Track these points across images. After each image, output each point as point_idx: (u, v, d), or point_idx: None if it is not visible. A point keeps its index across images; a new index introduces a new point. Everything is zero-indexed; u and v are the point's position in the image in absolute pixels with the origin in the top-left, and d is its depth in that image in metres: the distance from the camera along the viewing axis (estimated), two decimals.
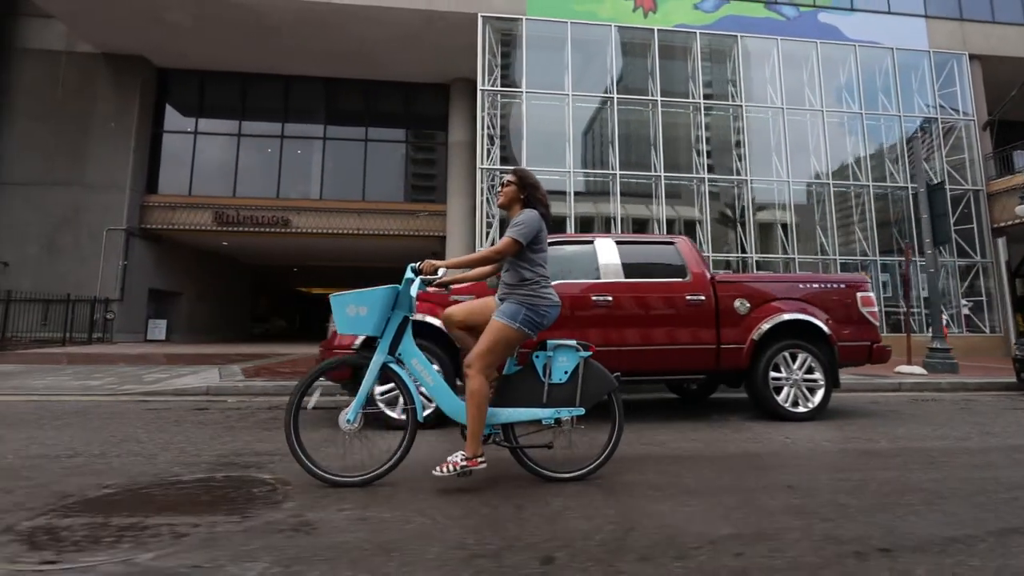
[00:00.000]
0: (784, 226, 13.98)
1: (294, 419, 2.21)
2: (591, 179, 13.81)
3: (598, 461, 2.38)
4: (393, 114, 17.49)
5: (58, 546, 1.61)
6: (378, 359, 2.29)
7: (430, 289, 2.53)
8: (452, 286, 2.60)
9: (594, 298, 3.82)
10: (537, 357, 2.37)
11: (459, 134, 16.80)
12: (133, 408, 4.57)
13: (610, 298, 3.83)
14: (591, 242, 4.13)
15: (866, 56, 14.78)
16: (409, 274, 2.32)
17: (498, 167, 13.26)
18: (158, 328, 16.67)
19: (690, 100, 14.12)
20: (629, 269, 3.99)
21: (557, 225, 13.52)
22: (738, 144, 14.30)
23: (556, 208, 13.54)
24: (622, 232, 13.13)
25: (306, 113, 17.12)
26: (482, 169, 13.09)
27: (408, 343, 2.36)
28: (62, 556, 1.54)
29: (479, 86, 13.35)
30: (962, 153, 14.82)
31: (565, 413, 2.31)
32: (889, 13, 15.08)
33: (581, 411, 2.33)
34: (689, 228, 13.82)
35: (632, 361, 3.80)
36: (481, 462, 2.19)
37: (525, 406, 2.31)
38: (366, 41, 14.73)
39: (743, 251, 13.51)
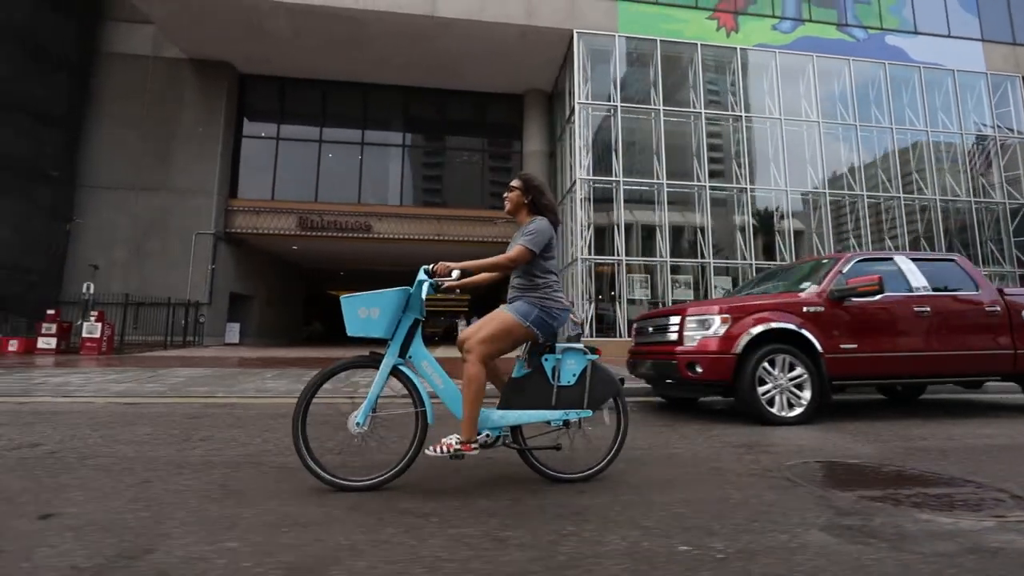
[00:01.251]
0: (857, 236, 14.74)
1: (302, 423, 2.19)
2: (676, 189, 14.35)
3: (604, 462, 2.40)
4: (468, 123, 17.88)
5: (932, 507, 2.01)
6: (388, 361, 2.26)
7: (441, 292, 2.48)
8: (458, 289, 2.59)
9: (915, 309, 4.32)
10: (546, 360, 2.37)
11: (535, 144, 17.26)
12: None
13: (928, 309, 4.34)
14: (891, 258, 4.64)
15: (929, 77, 15.67)
16: (422, 275, 2.28)
17: (592, 177, 13.73)
18: (232, 331, 16.74)
19: (767, 116, 14.82)
20: (932, 282, 4.52)
21: (648, 233, 14.06)
22: (813, 157, 15.02)
23: (646, 217, 14.10)
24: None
25: (384, 121, 17.42)
26: (581, 179, 13.53)
27: (419, 345, 2.32)
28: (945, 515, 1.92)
29: (577, 99, 13.83)
30: (1017, 169, 15.78)
31: (573, 415, 2.33)
32: (949, 37, 16.01)
33: (589, 413, 2.35)
34: (796, 237, 14.46)
35: (942, 365, 4.29)
36: (474, 448, 2.20)
37: (535, 408, 2.32)
38: (455, 53, 15.12)
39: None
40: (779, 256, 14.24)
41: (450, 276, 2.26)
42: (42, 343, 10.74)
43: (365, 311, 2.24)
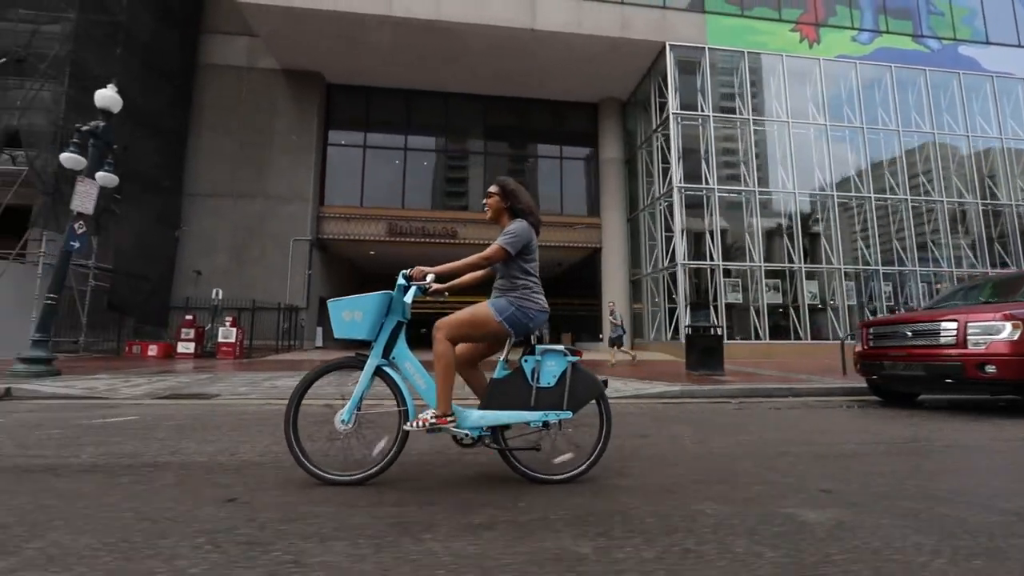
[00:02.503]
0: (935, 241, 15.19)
1: (293, 421, 2.27)
2: (765, 197, 14.76)
3: (586, 464, 2.40)
4: (545, 131, 18.29)
5: None
6: (372, 362, 2.33)
7: (429, 295, 2.52)
8: (446, 292, 2.62)
9: None
10: (526, 361, 2.39)
11: (611, 151, 17.70)
12: (671, 409, 5.20)
13: None
14: None
15: (1001, 85, 16.14)
16: (401, 280, 2.35)
17: (685, 185, 14.14)
18: (318, 335, 17.11)
19: (848, 125, 15.28)
20: None
21: (736, 239, 14.46)
22: (892, 163, 15.47)
23: (735, 224, 14.51)
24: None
25: (463, 129, 17.84)
26: (677, 187, 13.93)
27: (402, 347, 2.39)
28: None
29: (671, 109, 14.25)
30: None
31: (553, 416, 2.34)
32: (1020, 47, 16.49)
33: (568, 414, 2.36)
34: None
35: None
36: (451, 421, 2.25)
37: (514, 409, 2.34)
38: (546, 63, 15.53)
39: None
40: (861, 261, 14.68)
41: (424, 280, 2.33)
42: (181, 348, 11.10)
43: (349, 314, 2.32)
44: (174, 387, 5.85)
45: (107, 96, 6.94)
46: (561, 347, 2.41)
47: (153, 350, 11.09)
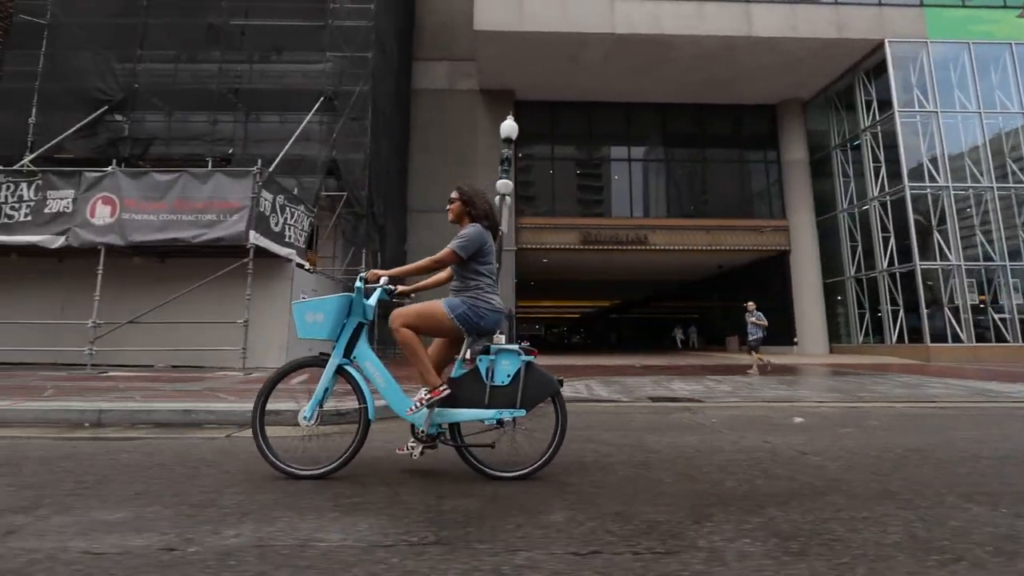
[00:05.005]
0: None
1: (260, 418, 2.39)
2: (1005, 193, 14.12)
3: (541, 461, 2.43)
4: (723, 135, 18.35)
5: None
6: (334, 361, 2.43)
7: (394, 299, 2.62)
8: (412, 295, 2.69)
9: None
10: (481, 360, 2.44)
11: (796, 153, 17.50)
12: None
13: None
14: None
15: None
16: (359, 283, 2.43)
17: (917, 184, 13.78)
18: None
19: None
20: None
21: (967, 235, 13.94)
22: None
23: (965, 222, 13.97)
24: None
25: (643, 137, 18.21)
26: (907, 187, 13.62)
27: (363, 347, 2.47)
28: None
29: (895, 107, 13.96)
30: None
31: (507, 414, 2.38)
32: None
33: (522, 412, 2.39)
34: None
35: None
36: (443, 390, 2.36)
37: (469, 407, 2.39)
38: (744, 68, 15.61)
39: None
40: None
41: (379, 282, 2.46)
42: None
43: (312, 316, 2.42)
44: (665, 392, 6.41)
45: (509, 126, 7.75)
46: (515, 347, 2.45)
47: None
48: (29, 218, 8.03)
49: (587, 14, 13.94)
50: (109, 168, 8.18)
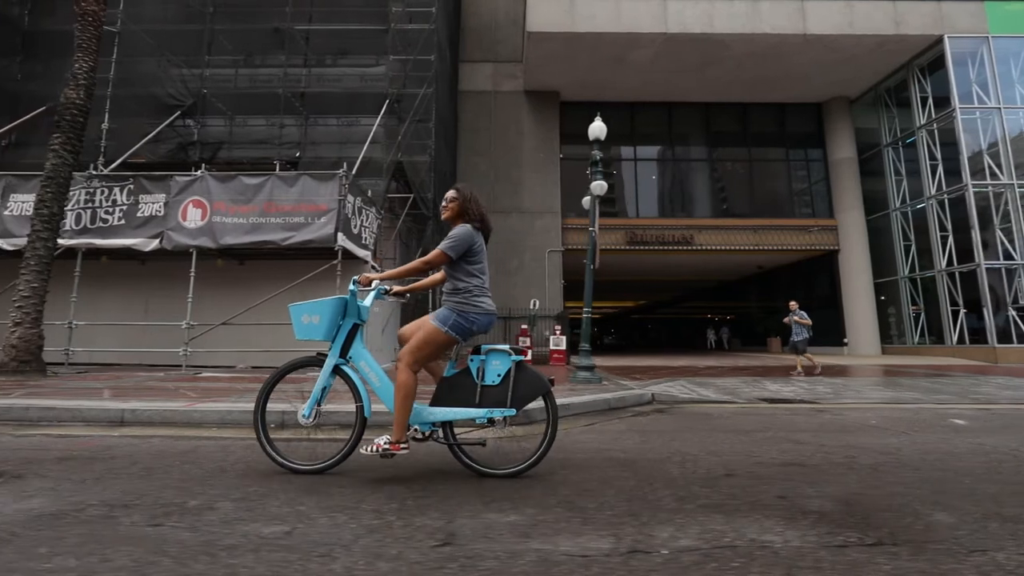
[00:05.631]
0: None
1: (261, 415, 2.48)
2: None
3: (532, 459, 2.46)
4: (767, 134, 18.17)
5: None
6: (330, 361, 2.50)
7: (388, 298, 2.65)
8: (407, 295, 2.73)
9: None
10: (472, 360, 2.50)
11: (843, 151, 17.27)
12: None
13: None
14: None
15: None
16: (352, 286, 2.50)
17: (976, 182, 13.52)
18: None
19: None
20: None
21: None
22: None
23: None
24: None
25: (686, 136, 18.11)
26: (970, 185, 13.37)
27: (359, 347, 2.53)
28: None
29: (956, 104, 13.73)
30: None
31: (497, 413, 2.42)
32: None
33: (512, 411, 2.43)
34: None
35: None
36: (403, 448, 2.36)
37: (461, 406, 2.44)
38: (794, 67, 15.44)
39: None
40: None
41: (370, 285, 2.49)
42: None
43: (308, 318, 2.48)
44: (777, 393, 6.36)
45: (597, 127, 7.76)
46: (506, 347, 2.49)
47: None
48: (123, 221, 8.20)
49: (639, 14, 13.89)
50: (198, 172, 8.33)
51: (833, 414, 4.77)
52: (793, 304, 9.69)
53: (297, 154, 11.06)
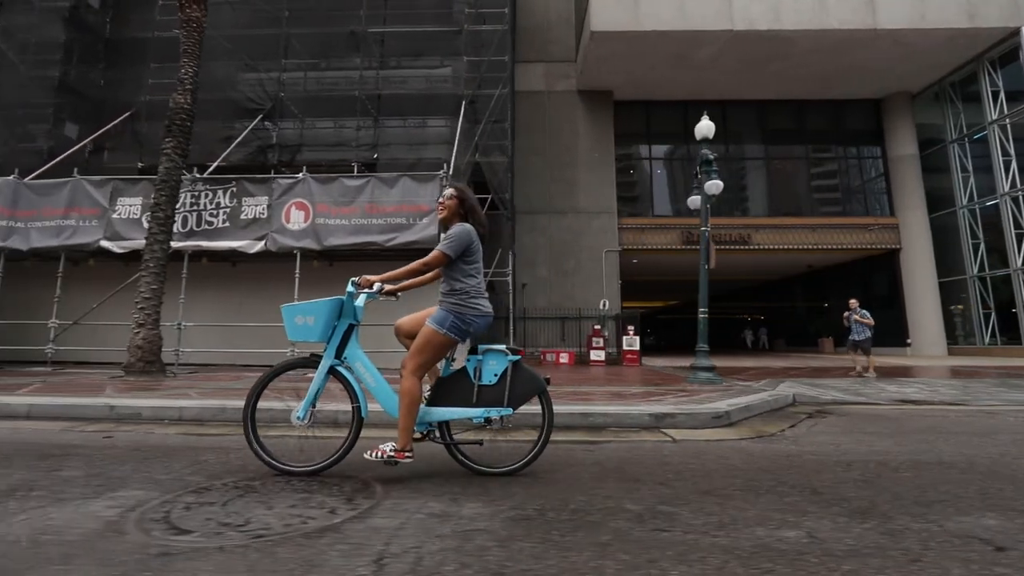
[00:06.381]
0: None
1: (251, 416, 2.42)
2: None
3: (528, 458, 2.46)
4: (823, 131, 17.89)
5: None
6: (326, 362, 2.47)
7: (380, 298, 2.54)
8: (398, 294, 2.68)
9: None
10: (468, 360, 2.49)
11: (904, 148, 16.91)
12: None
13: None
14: None
15: None
16: (350, 287, 2.45)
17: None
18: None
19: None
20: None
21: None
22: None
23: None
24: None
25: (740, 134, 17.89)
26: None
27: (354, 348, 2.50)
28: None
29: None
30: None
31: (494, 412, 2.42)
32: None
33: (509, 411, 2.43)
34: None
35: None
36: (408, 456, 2.33)
37: (458, 406, 2.43)
38: (858, 62, 15.14)
39: None
40: None
41: (371, 288, 2.44)
42: (594, 355, 11.98)
43: (302, 319, 2.44)
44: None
45: (705, 126, 7.69)
46: (502, 346, 2.50)
47: (564, 358, 12.05)
48: (227, 224, 8.34)
49: (705, 11, 13.75)
50: (300, 175, 8.44)
51: (995, 417, 4.64)
52: (853, 302, 9.38)
53: (375, 155, 11.15)
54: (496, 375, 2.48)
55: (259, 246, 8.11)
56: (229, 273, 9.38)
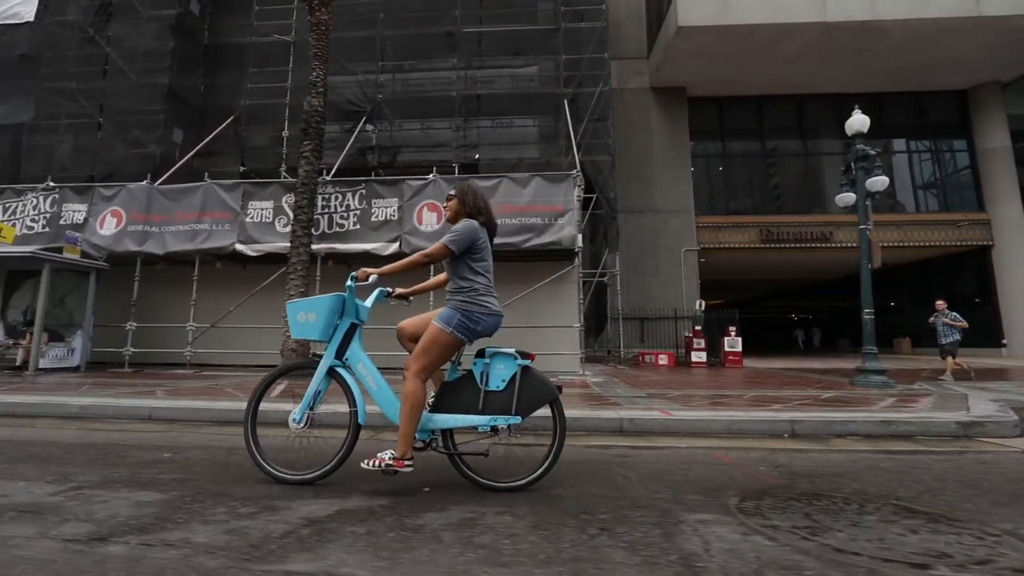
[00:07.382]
0: None
1: (252, 418, 2.34)
2: None
3: (538, 473, 2.28)
4: (904, 125, 17.35)
5: None
6: (325, 362, 2.35)
7: (392, 301, 2.46)
8: (411, 297, 2.53)
9: None
10: (475, 364, 2.34)
11: (994, 140, 16.28)
12: None
13: None
14: None
15: None
16: (349, 282, 2.34)
17: None
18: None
19: None
20: None
21: None
22: None
23: None
24: None
25: (817, 130, 17.46)
26: None
27: (356, 348, 2.38)
28: None
29: None
30: None
31: (501, 421, 2.26)
32: None
33: (517, 419, 2.26)
34: None
35: None
36: (408, 465, 2.19)
37: (462, 412, 2.28)
38: (950, 52, 14.60)
39: None
40: None
41: (367, 280, 2.34)
42: (695, 357, 11.73)
43: (304, 316, 2.35)
44: None
45: (859, 120, 7.40)
46: (512, 349, 2.33)
47: (663, 359, 11.83)
48: (358, 226, 8.33)
49: (797, 3, 13.39)
50: (430, 176, 8.39)
51: None
52: (941, 304, 9.00)
53: (476, 156, 11.07)
54: (504, 380, 2.32)
55: (392, 248, 8.06)
56: (345, 274, 9.41)
